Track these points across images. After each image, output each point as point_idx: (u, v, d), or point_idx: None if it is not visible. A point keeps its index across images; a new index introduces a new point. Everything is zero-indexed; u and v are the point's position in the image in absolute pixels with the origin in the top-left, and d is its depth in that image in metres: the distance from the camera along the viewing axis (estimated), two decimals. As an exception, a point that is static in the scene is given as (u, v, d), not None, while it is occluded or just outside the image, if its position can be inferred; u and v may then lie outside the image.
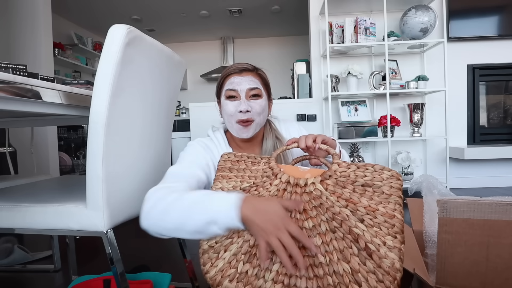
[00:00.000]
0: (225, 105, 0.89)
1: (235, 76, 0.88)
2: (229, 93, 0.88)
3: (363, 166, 0.69)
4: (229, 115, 0.88)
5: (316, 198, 0.65)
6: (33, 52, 2.68)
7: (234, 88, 0.87)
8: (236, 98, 0.87)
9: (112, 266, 0.80)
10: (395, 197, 0.64)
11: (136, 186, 0.93)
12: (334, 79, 2.87)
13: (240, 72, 0.89)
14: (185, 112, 4.92)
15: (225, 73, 0.90)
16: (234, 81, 0.87)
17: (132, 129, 0.88)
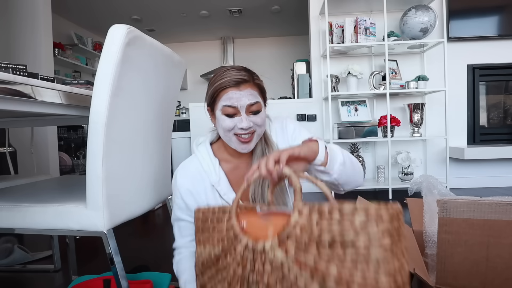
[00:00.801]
0: (222, 120, 0.80)
1: (233, 90, 0.78)
2: (227, 110, 0.78)
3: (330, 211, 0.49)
4: (228, 130, 0.80)
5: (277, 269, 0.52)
6: (33, 52, 2.68)
7: (233, 105, 0.78)
8: (236, 115, 0.79)
9: (112, 266, 0.80)
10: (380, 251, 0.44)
11: (136, 186, 0.93)
12: (334, 79, 2.86)
13: (237, 86, 0.78)
14: (185, 112, 4.92)
15: (220, 86, 0.79)
16: (233, 97, 0.78)
17: (132, 129, 0.88)
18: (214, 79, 0.82)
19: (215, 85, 0.81)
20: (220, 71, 0.82)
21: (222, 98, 0.79)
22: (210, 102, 0.84)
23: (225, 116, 0.80)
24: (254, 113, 0.80)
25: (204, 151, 0.89)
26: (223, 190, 0.84)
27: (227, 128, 0.80)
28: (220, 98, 0.80)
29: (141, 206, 0.96)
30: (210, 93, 0.83)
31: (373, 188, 2.89)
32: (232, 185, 0.86)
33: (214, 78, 0.83)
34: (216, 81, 0.81)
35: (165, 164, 1.14)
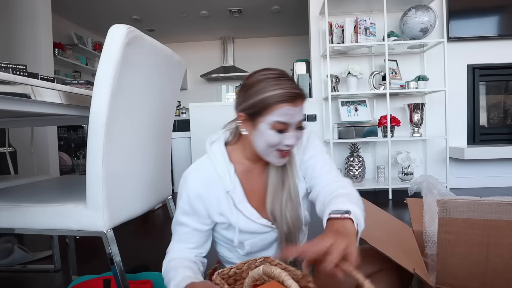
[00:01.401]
0: (268, 135, 0.72)
1: (289, 106, 0.70)
2: (278, 126, 0.71)
3: None
4: (271, 145, 0.73)
5: None
6: (33, 52, 2.68)
7: (288, 121, 0.70)
8: (284, 131, 0.72)
9: (112, 266, 0.80)
10: None
11: (136, 186, 0.93)
12: (334, 79, 2.86)
13: (294, 101, 0.70)
14: (185, 112, 4.92)
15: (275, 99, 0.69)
16: (288, 113, 0.70)
17: (132, 129, 0.88)
18: (262, 87, 0.71)
19: (266, 96, 0.70)
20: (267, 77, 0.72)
21: (274, 113, 0.70)
22: (254, 112, 0.72)
23: (273, 131, 0.71)
24: (300, 128, 0.75)
25: (218, 154, 0.80)
26: (237, 198, 0.78)
27: (272, 144, 0.72)
28: (271, 111, 0.70)
29: (141, 206, 0.96)
30: (257, 103, 0.71)
31: (373, 188, 2.89)
32: (246, 193, 0.80)
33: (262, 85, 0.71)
34: (266, 90, 0.70)
35: (165, 164, 1.14)
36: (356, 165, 2.75)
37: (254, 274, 0.50)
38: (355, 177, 2.76)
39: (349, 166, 2.77)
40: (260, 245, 0.82)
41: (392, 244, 0.88)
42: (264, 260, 0.72)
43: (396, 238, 0.99)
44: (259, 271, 0.49)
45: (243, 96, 0.75)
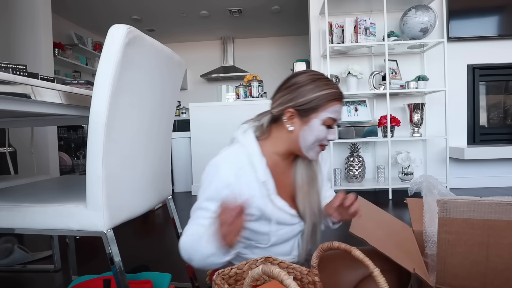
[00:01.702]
0: (318, 130, 0.79)
1: (339, 104, 0.80)
2: (329, 122, 0.79)
3: None
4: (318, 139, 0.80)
5: None
6: (33, 52, 2.68)
7: (338, 118, 0.80)
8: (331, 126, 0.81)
9: (112, 266, 0.80)
10: None
11: (136, 186, 0.93)
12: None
13: (341, 101, 0.81)
14: (185, 112, 4.92)
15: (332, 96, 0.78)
16: (338, 111, 0.80)
17: (132, 129, 0.88)
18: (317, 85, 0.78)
19: (324, 93, 0.77)
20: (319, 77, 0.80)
21: (328, 109, 0.78)
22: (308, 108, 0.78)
23: (324, 127, 0.79)
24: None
25: (253, 145, 0.83)
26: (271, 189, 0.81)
27: (320, 138, 0.80)
28: (326, 108, 0.78)
29: (141, 206, 0.96)
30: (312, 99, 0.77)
31: (373, 188, 2.89)
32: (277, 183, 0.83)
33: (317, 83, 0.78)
34: (321, 89, 0.78)
35: (165, 164, 1.14)
36: (356, 165, 2.75)
37: (254, 274, 0.50)
38: (355, 177, 2.76)
39: (349, 166, 2.77)
40: (285, 238, 0.85)
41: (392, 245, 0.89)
42: (265, 260, 0.72)
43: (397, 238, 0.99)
44: (259, 271, 0.49)
45: (294, 93, 0.79)
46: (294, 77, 0.81)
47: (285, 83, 0.82)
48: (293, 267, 0.73)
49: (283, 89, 0.82)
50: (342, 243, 0.62)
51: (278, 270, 0.47)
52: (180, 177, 3.38)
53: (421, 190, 1.11)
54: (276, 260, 0.73)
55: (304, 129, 0.80)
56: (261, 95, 3.18)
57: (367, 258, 0.59)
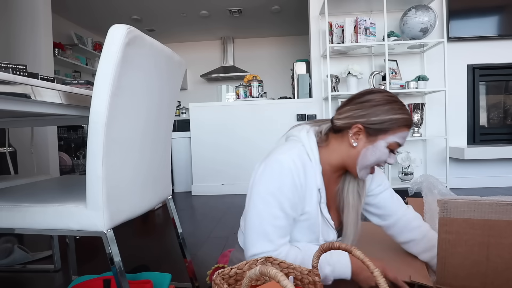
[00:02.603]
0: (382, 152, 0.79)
1: (407, 130, 0.79)
2: (395, 146, 0.79)
3: None
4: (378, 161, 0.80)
5: None
6: (33, 52, 2.68)
7: (402, 144, 0.80)
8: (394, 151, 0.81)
9: (112, 266, 0.80)
10: None
11: (136, 186, 0.93)
12: (334, 79, 2.86)
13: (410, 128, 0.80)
14: (185, 112, 4.92)
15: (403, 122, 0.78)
16: (405, 137, 0.80)
17: (132, 129, 0.88)
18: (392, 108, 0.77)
19: (397, 117, 0.77)
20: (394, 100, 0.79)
21: (398, 134, 0.78)
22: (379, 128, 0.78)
23: (387, 150, 0.79)
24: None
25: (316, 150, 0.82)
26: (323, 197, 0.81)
27: (380, 160, 0.80)
28: (396, 132, 0.78)
29: (141, 206, 0.96)
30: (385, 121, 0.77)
31: (373, 188, 2.89)
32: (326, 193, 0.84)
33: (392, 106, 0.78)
34: (397, 113, 0.77)
35: (165, 164, 1.14)
36: (356, 165, 2.75)
37: (251, 274, 0.50)
38: (355, 177, 2.76)
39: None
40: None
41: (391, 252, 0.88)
42: (265, 260, 0.72)
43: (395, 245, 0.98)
44: (256, 271, 0.49)
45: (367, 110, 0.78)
46: (369, 94, 0.80)
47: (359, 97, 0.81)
48: (294, 267, 0.73)
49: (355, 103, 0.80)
50: (342, 243, 0.62)
51: (275, 271, 0.47)
52: (180, 177, 3.38)
53: (422, 190, 1.11)
54: (276, 260, 0.73)
55: (368, 148, 0.79)
56: (261, 95, 3.18)
57: (367, 258, 0.59)
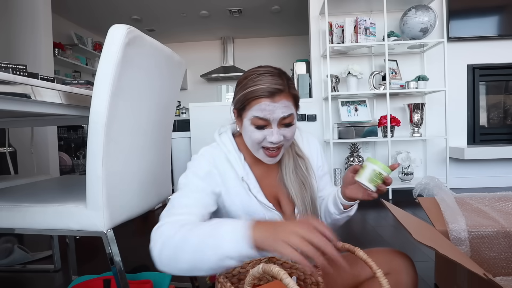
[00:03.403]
0: (250, 131, 0.74)
1: (266, 101, 0.70)
2: (257, 122, 0.72)
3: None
4: (255, 142, 0.74)
5: None
6: (33, 52, 2.68)
7: (266, 117, 0.71)
8: (266, 127, 0.73)
9: (112, 266, 0.80)
10: None
11: (136, 186, 0.93)
12: (334, 79, 2.86)
13: (272, 97, 0.70)
14: (185, 112, 4.92)
15: (253, 94, 0.71)
16: (266, 109, 0.70)
17: (132, 129, 0.88)
18: (245, 83, 0.73)
19: (246, 91, 0.72)
20: (253, 74, 0.74)
21: (253, 108, 0.72)
22: (239, 107, 0.75)
23: (254, 128, 0.73)
24: (286, 125, 0.74)
25: (228, 143, 0.80)
26: (252, 183, 0.79)
27: (255, 141, 0.74)
28: (251, 107, 0.72)
29: (141, 206, 0.96)
30: (240, 98, 0.74)
31: (373, 188, 2.89)
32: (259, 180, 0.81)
33: (246, 81, 0.74)
34: (247, 86, 0.72)
35: (165, 164, 1.14)
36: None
37: (254, 273, 0.50)
38: (355, 177, 2.76)
39: (349, 166, 2.77)
40: None
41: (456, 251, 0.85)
42: (269, 259, 0.72)
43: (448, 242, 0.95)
44: (259, 269, 0.49)
45: (235, 92, 0.79)
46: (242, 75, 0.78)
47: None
48: (297, 267, 0.73)
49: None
50: (346, 243, 0.62)
51: (278, 269, 0.47)
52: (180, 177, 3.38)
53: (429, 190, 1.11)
54: (279, 260, 0.73)
55: (242, 129, 0.77)
56: (261, 95, 3.18)
57: (370, 258, 0.58)
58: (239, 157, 0.79)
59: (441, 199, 1.07)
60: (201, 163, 0.77)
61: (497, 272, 0.95)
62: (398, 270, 0.76)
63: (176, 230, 0.61)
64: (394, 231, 1.84)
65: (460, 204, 1.07)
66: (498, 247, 0.95)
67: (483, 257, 0.95)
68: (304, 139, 0.90)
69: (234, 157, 0.79)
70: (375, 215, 2.16)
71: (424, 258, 1.43)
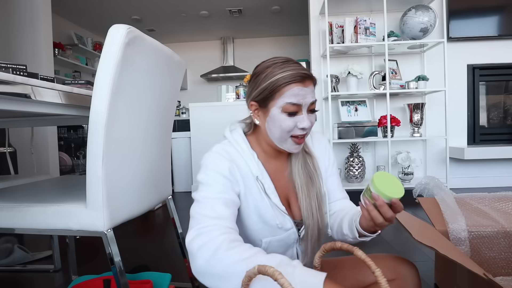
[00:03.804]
0: (281, 120, 0.71)
1: (299, 86, 0.69)
2: (290, 108, 0.70)
3: None
4: (286, 131, 0.72)
5: None
6: (33, 52, 2.68)
7: (299, 102, 0.69)
8: (297, 113, 0.71)
9: (112, 266, 0.80)
10: None
11: (136, 186, 0.93)
12: (334, 79, 2.86)
13: (303, 81, 0.70)
14: (185, 112, 4.92)
15: (284, 80, 0.69)
16: (299, 94, 0.69)
17: (132, 129, 0.88)
18: (270, 72, 0.71)
19: (275, 79, 0.70)
20: (275, 62, 0.72)
21: (285, 94, 0.69)
22: (264, 97, 0.72)
23: (286, 115, 0.71)
24: (312, 111, 0.74)
25: (241, 140, 0.78)
26: (266, 183, 0.76)
27: (287, 129, 0.71)
28: (282, 94, 0.70)
29: (141, 206, 0.96)
30: (266, 87, 0.71)
31: (373, 188, 2.89)
32: (272, 180, 0.78)
33: (270, 70, 0.72)
34: (274, 74, 0.70)
35: (165, 164, 1.14)
36: (356, 165, 2.75)
37: (250, 273, 0.50)
38: (355, 177, 2.76)
39: (349, 166, 2.77)
40: (276, 245, 0.78)
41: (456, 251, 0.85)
42: None
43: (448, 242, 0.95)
44: (254, 270, 0.49)
45: (253, 85, 0.75)
46: (256, 68, 0.76)
47: (251, 75, 0.78)
48: None
49: (249, 82, 0.78)
50: (344, 243, 0.62)
51: (273, 269, 0.46)
52: (180, 177, 3.38)
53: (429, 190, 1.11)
54: None
55: (267, 121, 0.74)
56: (261, 95, 3.18)
57: (369, 258, 0.58)
58: (253, 156, 0.77)
59: (441, 199, 1.07)
60: (221, 160, 0.73)
61: (497, 272, 0.95)
62: (403, 276, 0.75)
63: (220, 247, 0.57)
64: (394, 231, 1.84)
65: (460, 204, 1.07)
66: (498, 247, 0.95)
67: (483, 257, 0.95)
68: (313, 138, 0.88)
69: (248, 155, 0.76)
70: (375, 215, 2.17)
71: (424, 258, 1.43)
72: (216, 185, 0.69)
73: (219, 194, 0.68)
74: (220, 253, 0.56)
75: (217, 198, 0.67)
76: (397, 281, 0.76)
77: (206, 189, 0.69)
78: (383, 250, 1.57)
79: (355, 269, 0.79)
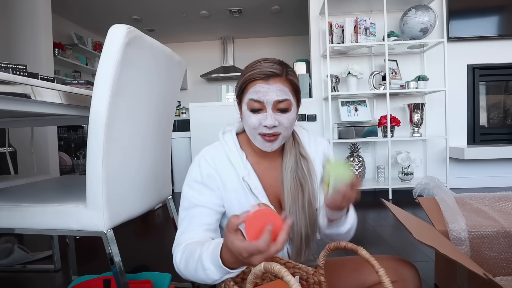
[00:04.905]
0: (247, 116, 0.74)
1: (261, 83, 0.71)
2: (253, 104, 0.72)
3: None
4: (252, 127, 0.74)
5: None
6: (33, 52, 2.68)
7: (260, 99, 0.71)
8: (261, 111, 0.73)
9: (112, 266, 0.80)
10: None
11: (136, 186, 0.93)
12: (334, 79, 2.87)
13: (266, 79, 0.71)
14: (185, 112, 4.92)
15: (249, 77, 0.73)
16: (260, 91, 0.71)
17: (132, 129, 0.88)
18: (245, 70, 0.76)
19: (245, 76, 0.75)
20: (253, 62, 0.76)
21: (249, 91, 0.73)
22: (238, 93, 0.78)
23: (250, 112, 0.73)
24: (282, 111, 0.73)
25: (230, 142, 0.81)
26: (253, 184, 0.77)
27: (252, 126, 0.74)
28: (247, 90, 0.74)
29: (141, 206, 0.96)
30: (239, 84, 0.77)
31: (373, 188, 2.89)
32: (261, 180, 0.79)
33: (246, 68, 0.76)
34: (246, 72, 0.75)
35: (165, 164, 1.14)
36: (356, 165, 2.75)
37: (256, 271, 0.50)
38: (355, 177, 2.76)
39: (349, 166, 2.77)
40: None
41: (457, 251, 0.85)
42: (272, 259, 0.72)
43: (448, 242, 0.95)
44: (261, 268, 0.49)
45: (237, 82, 0.80)
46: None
47: None
48: (299, 267, 0.73)
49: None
50: (349, 243, 0.62)
51: (279, 267, 0.47)
52: (180, 177, 3.38)
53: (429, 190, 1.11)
54: (282, 259, 0.73)
55: (242, 119, 0.78)
56: (261, 95, 3.18)
57: (372, 258, 0.58)
58: (241, 156, 0.79)
59: (441, 199, 1.07)
60: (200, 167, 0.78)
61: (497, 272, 0.95)
62: (405, 278, 0.75)
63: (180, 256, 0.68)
64: (394, 231, 1.84)
65: (460, 204, 1.07)
66: (498, 247, 0.95)
67: (483, 257, 0.95)
68: (312, 141, 0.87)
69: (235, 156, 0.78)
70: (375, 215, 2.16)
71: (424, 258, 1.43)
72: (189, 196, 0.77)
73: (191, 204, 0.76)
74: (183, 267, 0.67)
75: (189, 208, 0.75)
76: (398, 283, 0.75)
77: (182, 203, 0.77)
78: (383, 250, 1.57)
79: (356, 270, 0.79)
